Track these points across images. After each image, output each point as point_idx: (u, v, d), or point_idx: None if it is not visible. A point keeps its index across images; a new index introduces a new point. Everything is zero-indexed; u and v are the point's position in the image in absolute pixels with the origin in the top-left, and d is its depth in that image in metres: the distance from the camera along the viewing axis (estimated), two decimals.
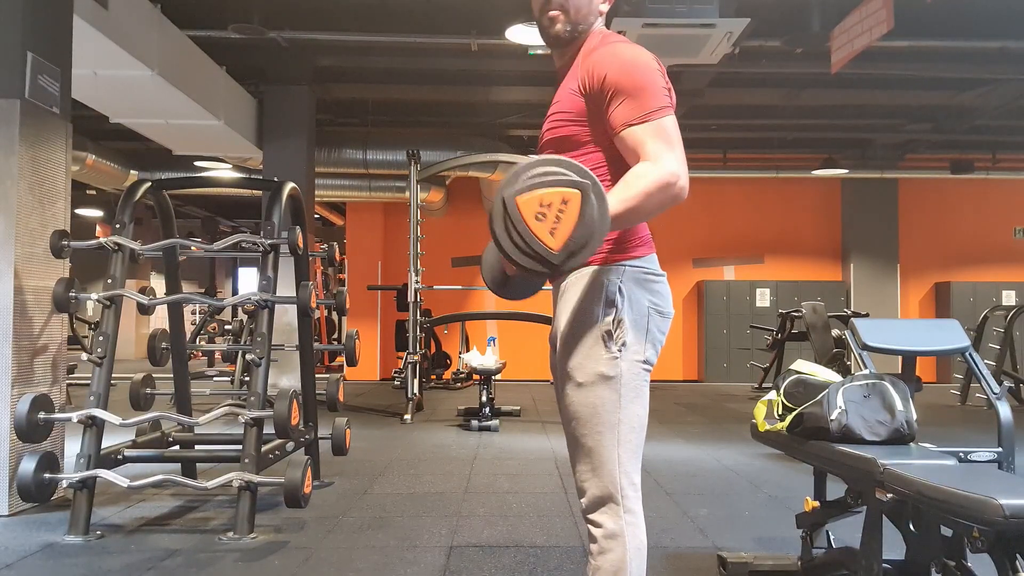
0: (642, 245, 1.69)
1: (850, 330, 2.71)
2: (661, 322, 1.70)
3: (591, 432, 1.64)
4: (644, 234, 1.70)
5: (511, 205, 1.41)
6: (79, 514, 3.25)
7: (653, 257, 1.72)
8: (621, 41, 1.67)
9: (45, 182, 3.87)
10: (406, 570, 2.89)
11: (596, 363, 1.63)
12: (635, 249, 1.67)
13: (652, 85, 1.58)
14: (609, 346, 1.63)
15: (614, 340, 1.63)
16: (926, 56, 6.94)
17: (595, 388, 1.63)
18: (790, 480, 4.50)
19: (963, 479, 1.82)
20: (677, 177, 1.53)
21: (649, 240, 1.72)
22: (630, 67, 1.59)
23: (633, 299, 1.65)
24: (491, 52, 6.78)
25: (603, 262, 1.66)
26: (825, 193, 11.90)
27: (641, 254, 1.68)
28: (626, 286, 1.65)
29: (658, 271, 1.71)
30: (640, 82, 1.58)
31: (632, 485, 1.64)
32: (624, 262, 1.66)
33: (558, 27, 1.71)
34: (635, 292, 1.65)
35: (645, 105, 1.56)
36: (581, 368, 1.65)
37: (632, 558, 1.61)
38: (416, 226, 7.57)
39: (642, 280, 1.67)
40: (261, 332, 3.54)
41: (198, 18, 6.21)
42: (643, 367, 1.67)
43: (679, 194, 1.55)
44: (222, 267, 20.04)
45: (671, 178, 1.53)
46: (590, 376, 1.64)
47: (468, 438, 6.08)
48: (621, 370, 1.63)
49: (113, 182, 9.40)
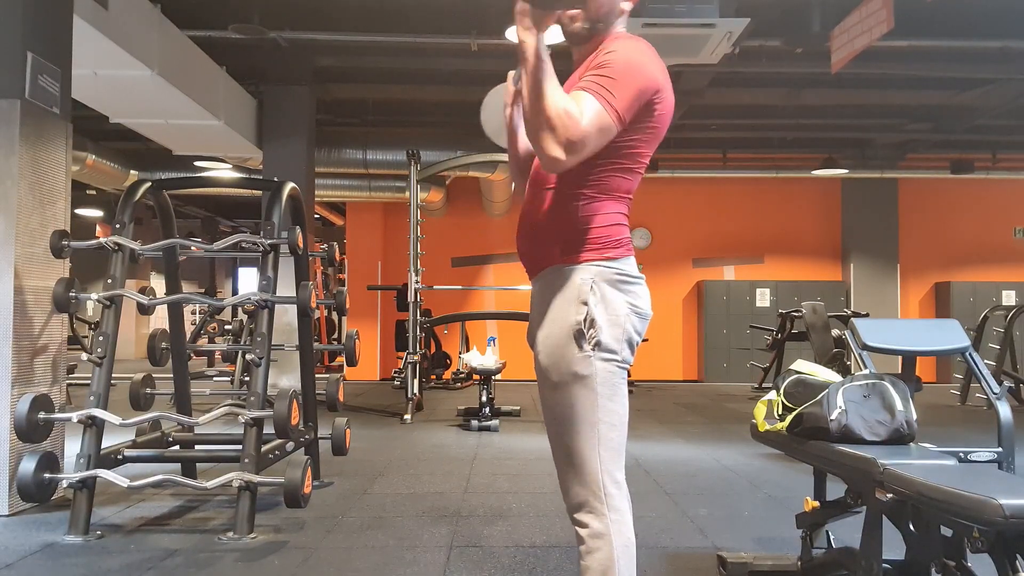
0: (618, 247, 1.69)
1: (850, 330, 2.71)
2: (639, 322, 1.69)
3: (570, 432, 1.65)
4: (620, 237, 1.70)
5: None
6: (79, 514, 3.25)
7: (630, 259, 1.71)
8: (642, 44, 1.67)
9: (45, 182, 3.87)
10: (406, 570, 2.89)
11: (569, 362, 1.64)
12: (609, 250, 1.67)
13: (631, 91, 1.57)
14: (582, 345, 1.63)
15: (587, 339, 1.63)
16: (926, 56, 6.95)
17: (570, 388, 1.64)
18: (790, 480, 4.50)
19: (963, 479, 1.82)
20: (570, 139, 1.50)
21: (626, 243, 1.71)
22: (625, 61, 1.59)
23: (607, 299, 1.65)
24: (491, 52, 6.78)
25: (575, 261, 1.67)
26: (825, 193, 11.90)
27: (615, 256, 1.68)
28: (599, 286, 1.65)
29: (635, 273, 1.71)
30: (622, 73, 1.57)
31: (615, 483, 1.65)
32: (597, 262, 1.66)
33: (577, 24, 1.72)
34: (609, 292, 1.65)
35: (611, 92, 1.55)
36: (555, 367, 1.66)
37: (620, 556, 1.61)
38: (416, 226, 7.57)
39: (616, 281, 1.67)
40: (261, 332, 3.54)
41: (198, 18, 6.21)
42: (618, 365, 1.67)
43: (552, 148, 1.50)
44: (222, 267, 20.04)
45: (567, 131, 1.49)
46: (564, 375, 1.64)
47: (468, 438, 6.09)
48: (595, 368, 1.63)
49: (113, 182, 9.40)
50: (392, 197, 10.65)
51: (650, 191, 10.97)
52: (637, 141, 1.66)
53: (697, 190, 11.81)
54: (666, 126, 1.70)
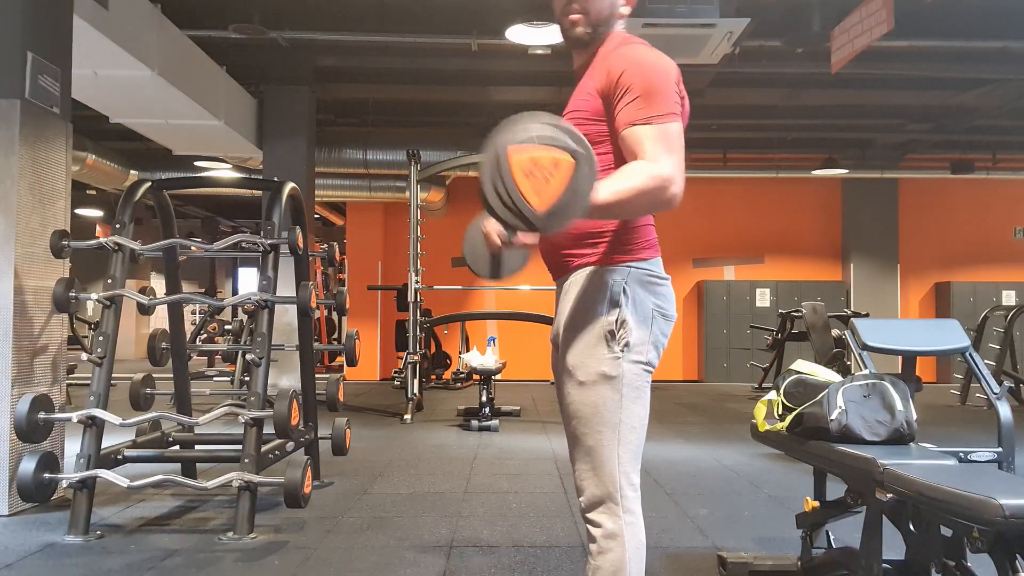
0: (648, 248, 1.69)
1: (850, 330, 2.71)
2: (664, 325, 1.69)
3: (591, 431, 1.64)
4: (651, 237, 1.70)
5: (503, 156, 1.38)
6: (79, 514, 3.25)
7: (658, 260, 1.71)
8: (642, 44, 1.67)
9: (45, 182, 3.87)
10: (406, 570, 2.89)
11: (598, 362, 1.63)
12: (641, 251, 1.67)
13: (664, 90, 1.57)
14: (612, 346, 1.63)
15: (617, 340, 1.63)
16: (926, 56, 6.94)
17: (596, 387, 1.63)
18: (790, 480, 4.50)
19: (963, 479, 1.82)
20: (671, 182, 1.51)
21: (655, 243, 1.72)
22: (646, 69, 1.59)
23: (637, 300, 1.65)
24: (491, 52, 6.78)
25: (608, 262, 1.66)
26: (825, 193, 11.90)
27: (647, 256, 1.68)
28: (630, 287, 1.65)
29: (663, 274, 1.71)
30: (652, 85, 1.57)
31: (631, 485, 1.64)
32: (629, 263, 1.66)
33: (579, 29, 1.72)
34: (639, 293, 1.65)
35: (653, 108, 1.55)
36: (583, 367, 1.65)
37: (631, 558, 1.61)
38: (416, 226, 7.57)
39: (646, 282, 1.67)
40: (261, 332, 3.54)
41: (198, 18, 6.21)
42: (645, 368, 1.67)
43: (671, 200, 1.53)
44: (222, 267, 20.03)
45: (665, 182, 1.51)
46: (592, 375, 1.64)
47: (468, 438, 6.08)
48: (623, 370, 1.63)
49: (113, 182, 9.40)
50: (392, 197, 10.65)
51: None
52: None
53: (697, 190, 11.78)
54: (687, 112, 1.69)
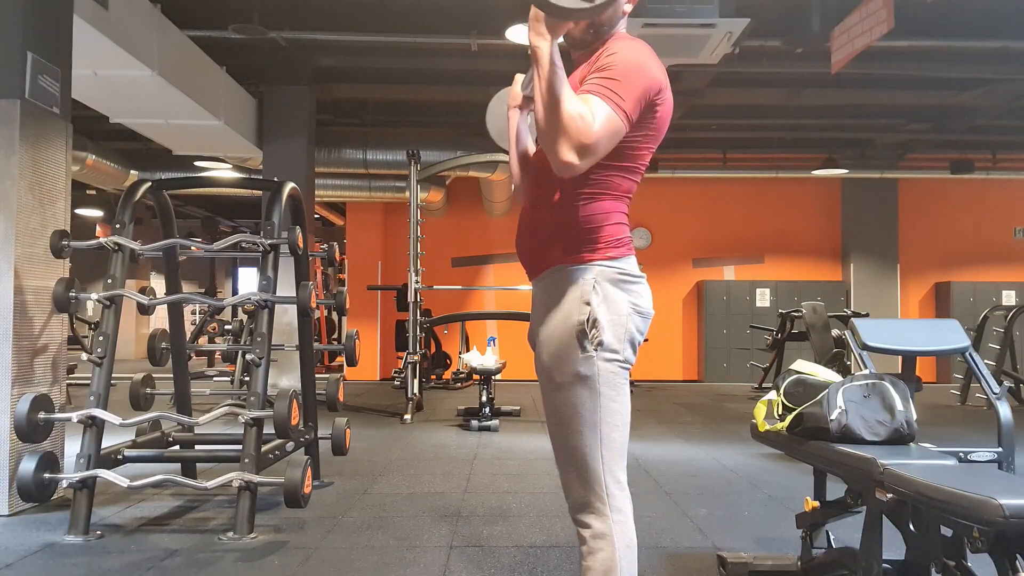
0: (619, 246, 1.69)
1: (850, 330, 2.71)
2: (640, 322, 1.69)
3: (572, 432, 1.65)
4: (621, 236, 1.70)
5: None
6: (79, 514, 3.25)
7: (631, 259, 1.71)
8: (642, 45, 1.67)
9: (45, 182, 3.87)
10: (406, 570, 2.89)
11: (572, 363, 1.63)
12: (611, 249, 1.67)
13: (636, 91, 1.57)
14: (584, 345, 1.63)
15: (589, 339, 1.62)
16: (926, 56, 6.94)
17: (573, 388, 1.64)
18: (790, 480, 4.50)
19: (963, 479, 1.82)
20: (584, 144, 1.49)
21: (627, 242, 1.71)
22: (629, 63, 1.59)
23: (610, 299, 1.65)
24: (491, 52, 6.78)
25: (578, 261, 1.67)
26: (825, 193, 11.90)
27: (617, 255, 1.68)
28: (601, 285, 1.65)
29: (636, 272, 1.70)
30: (626, 75, 1.57)
31: (617, 484, 1.65)
32: (599, 262, 1.66)
33: (582, 29, 1.72)
34: (611, 292, 1.65)
35: (617, 93, 1.55)
36: (558, 368, 1.66)
37: (622, 556, 1.61)
38: (416, 226, 7.57)
39: (618, 280, 1.67)
40: (261, 332, 3.54)
41: (198, 18, 6.21)
42: (621, 365, 1.66)
43: (568, 151, 1.49)
44: (222, 267, 20.03)
45: (582, 136, 1.48)
46: (567, 376, 1.64)
47: (468, 438, 6.08)
48: (597, 369, 1.63)
49: (113, 182, 9.40)
50: (392, 197, 10.65)
51: (650, 191, 10.97)
52: (638, 141, 1.65)
53: (697, 190, 11.81)
54: (666, 126, 1.70)
